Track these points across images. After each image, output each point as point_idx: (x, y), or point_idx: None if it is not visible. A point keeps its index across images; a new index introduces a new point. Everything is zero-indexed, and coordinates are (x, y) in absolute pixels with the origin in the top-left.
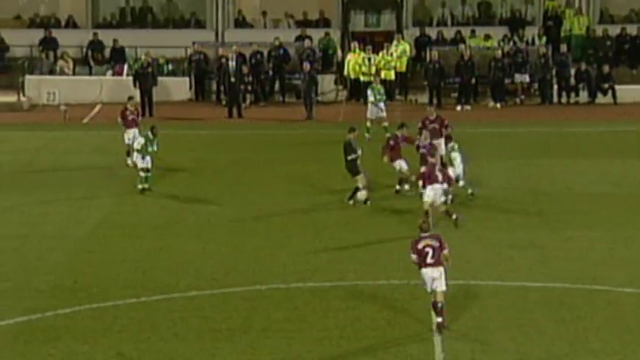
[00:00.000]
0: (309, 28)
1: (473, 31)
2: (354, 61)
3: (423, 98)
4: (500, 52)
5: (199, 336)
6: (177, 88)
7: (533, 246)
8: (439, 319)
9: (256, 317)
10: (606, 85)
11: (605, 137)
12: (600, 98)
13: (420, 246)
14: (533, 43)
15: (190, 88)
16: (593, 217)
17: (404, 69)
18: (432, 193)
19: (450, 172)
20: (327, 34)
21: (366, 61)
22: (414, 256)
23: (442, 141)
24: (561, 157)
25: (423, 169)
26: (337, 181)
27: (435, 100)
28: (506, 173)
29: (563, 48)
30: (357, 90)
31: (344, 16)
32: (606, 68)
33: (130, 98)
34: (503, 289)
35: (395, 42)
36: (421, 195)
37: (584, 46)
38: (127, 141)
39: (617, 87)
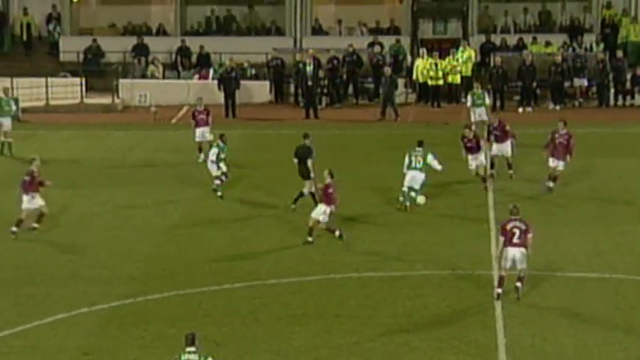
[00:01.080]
0: (381, 35)
1: (534, 38)
2: (422, 66)
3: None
4: (559, 57)
5: (278, 321)
6: (258, 91)
7: (589, 239)
8: (519, 284)
9: (330, 304)
10: None
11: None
12: None
13: (508, 227)
14: (591, 49)
15: (270, 91)
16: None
17: (469, 73)
18: None
19: None
20: (397, 40)
21: (434, 66)
22: (502, 238)
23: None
24: (618, 156)
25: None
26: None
27: (498, 103)
28: (567, 171)
29: (620, 54)
30: (425, 93)
31: (413, 24)
32: None
33: (199, 99)
34: (562, 280)
35: (461, 48)
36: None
37: (639, 53)
38: (196, 139)
39: None
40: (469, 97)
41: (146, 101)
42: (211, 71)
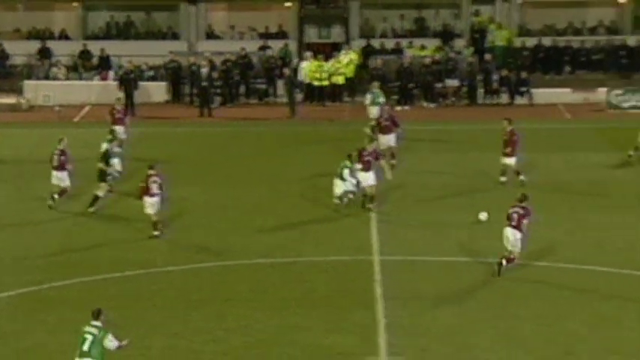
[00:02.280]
0: (270, 40)
1: (410, 42)
2: (309, 68)
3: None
4: (431, 60)
5: (174, 306)
6: (155, 91)
7: (462, 227)
8: (504, 262)
9: (223, 289)
10: (524, 89)
11: (522, 133)
12: (519, 100)
13: (510, 211)
14: (461, 52)
15: (167, 91)
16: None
17: (352, 75)
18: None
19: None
20: (285, 44)
21: (319, 68)
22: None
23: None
24: (486, 150)
25: None
26: (295, 171)
27: None
28: (442, 165)
29: (488, 57)
30: (311, 93)
31: (300, 29)
32: (524, 74)
33: (118, 99)
34: (437, 264)
35: (344, 51)
36: None
37: (505, 56)
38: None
39: (532, 90)
40: (368, 96)
41: (50, 101)
42: (111, 73)
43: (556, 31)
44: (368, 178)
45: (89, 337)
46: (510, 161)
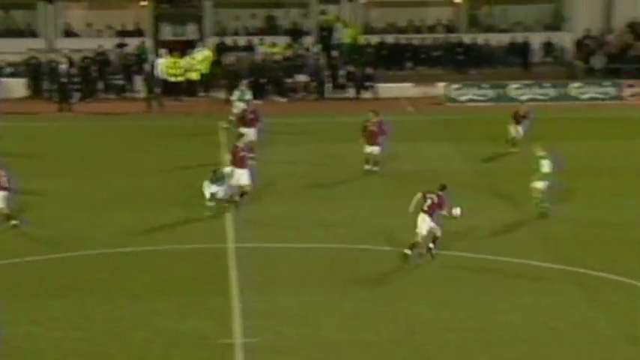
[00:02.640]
0: (127, 37)
1: (261, 40)
2: (164, 65)
3: (222, 95)
4: (281, 56)
5: (35, 295)
6: (15, 87)
7: (315, 214)
8: (432, 245)
9: (84, 278)
10: (369, 84)
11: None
12: (364, 94)
13: (427, 195)
14: (309, 49)
15: (27, 87)
16: (361, 190)
17: (206, 71)
18: None
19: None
20: (142, 42)
21: (174, 65)
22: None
23: None
24: (336, 142)
25: None
26: (153, 163)
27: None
28: (297, 156)
29: (335, 54)
30: (167, 88)
31: (155, 27)
32: (369, 70)
33: None
34: (291, 250)
35: (198, 48)
36: None
37: (351, 52)
38: None
39: (377, 85)
40: (236, 92)
41: None
42: None
43: (398, 29)
44: (242, 176)
45: None
46: (374, 150)
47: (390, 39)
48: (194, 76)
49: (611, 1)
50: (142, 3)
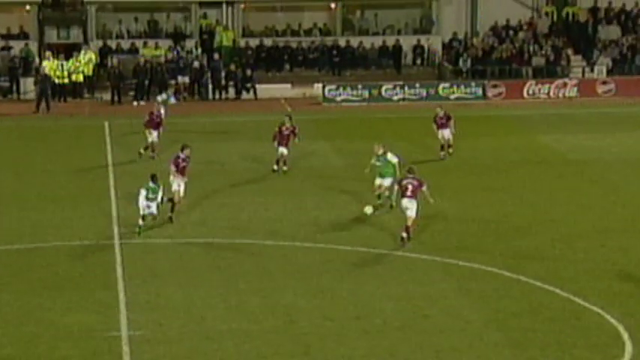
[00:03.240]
0: (12, 40)
1: (145, 43)
2: (50, 67)
3: (107, 96)
4: (164, 59)
5: None
6: None
7: (197, 211)
8: (404, 234)
9: None
10: (249, 85)
11: (248, 125)
12: (245, 95)
13: (403, 183)
14: (191, 52)
15: None
16: (244, 186)
17: (91, 73)
18: None
19: None
20: (26, 44)
21: (60, 67)
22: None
23: None
24: (216, 141)
25: None
26: (39, 163)
27: (116, 98)
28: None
29: (216, 56)
30: (52, 89)
31: (40, 30)
32: (249, 71)
33: None
34: (173, 245)
35: (83, 51)
36: None
37: (231, 54)
38: None
39: (257, 86)
40: (161, 96)
41: None
42: None
43: (276, 33)
44: (180, 186)
45: None
46: (285, 152)
47: (268, 42)
48: (79, 78)
49: (476, 7)
50: (27, 7)
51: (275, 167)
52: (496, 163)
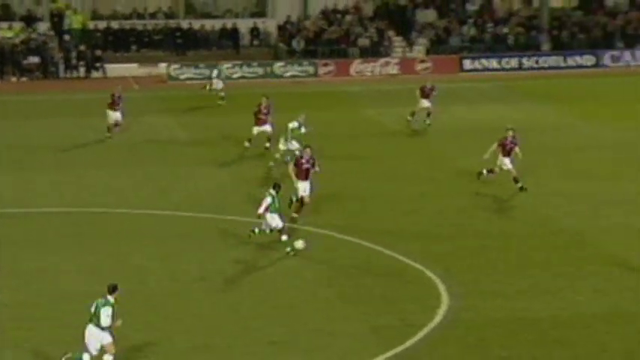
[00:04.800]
0: None
1: None
2: None
3: None
4: (18, 40)
5: None
6: None
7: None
8: (295, 215)
9: None
10: (98, 64)
11: (99, 101)
12: (95, 74)
13: (303, 167)
14: (43, 34)
15: None
16: (95, 158)
17: None
18: None
19: None
20: None
21: None
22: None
23: None
24: (70, 116)
25: None
26: None
27: None
28: (31, 129)
29: (67, 38)
30: None
31: None
32: (98, 52)
33: None
34: (29, 215)
35: None
36: None
37: (81, 37)
38: None
39: (106, 65)
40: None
41: None
42: None
43: (123, 16)
44: None
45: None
46: (267, 128)
47: (115, 24)
48: None
49: None
50: None
51: (247, 144)
52: (328, 135)
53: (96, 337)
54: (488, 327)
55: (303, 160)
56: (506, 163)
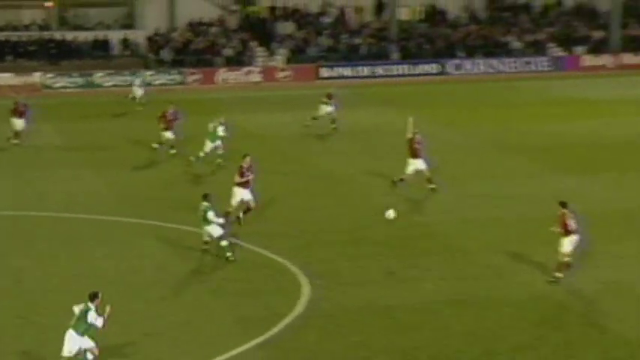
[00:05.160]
0: None
1: None
2: None
3: None
4: None
5: None
6: None
7: None
8: (241, 215)
9: None
10: None
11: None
12: None
13: (244, 172)
14: None
15: None
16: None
17: None
18: None
19: None
20: None
21: None
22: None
23: None
24: None
25: None
26: None
27: None
28: None
29: None
30: None
31: None
32: None
33: None
34: None
35: None
36: None
37: None
38: None
39: None
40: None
41: None
42: None
43: None
44: None
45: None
46: (169, 135)
47: None
48: None
49: (174, 4)
50: None
51: (171, 151)
52: (195, 140)
53: (75, 342)
54: (346, 315)
55: (244, 169)
56: (419, 164)
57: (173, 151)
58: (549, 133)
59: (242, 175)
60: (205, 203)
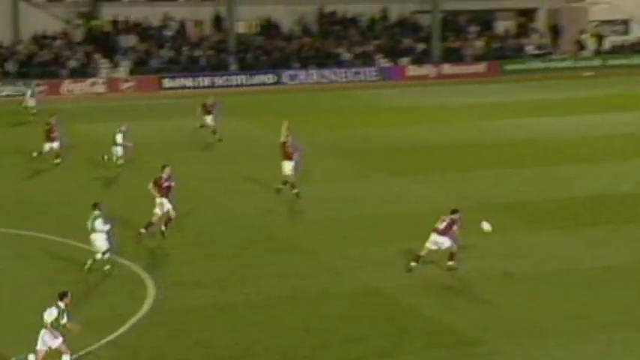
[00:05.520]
0: None
1: None
2: None
3: None
4: None
5: None
6: None
7: None
8: (163, 228)
9: None
10: None
11: None
12: None
13: (163, 185)
14: None
15: None
16: None
17: None
18: None
19: None
20: None
21: None
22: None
23: None
24: None
25: None
26: None
27: None
28: None
29: None
30: None
31: None
32: None
33: None
34: None
35: None
36: None
37: None
38: None
39: None
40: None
41: None
42: None
43: None
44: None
45: None
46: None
47: None
48: None
49: (17, 18)
50: None
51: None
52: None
53: (46, 342)
54: (190, 313)
55: (163, 180)
56: (290, 166)
57: (58, 161)
58: (378, 138)
59: (160, 185)
60: (96, 212)
